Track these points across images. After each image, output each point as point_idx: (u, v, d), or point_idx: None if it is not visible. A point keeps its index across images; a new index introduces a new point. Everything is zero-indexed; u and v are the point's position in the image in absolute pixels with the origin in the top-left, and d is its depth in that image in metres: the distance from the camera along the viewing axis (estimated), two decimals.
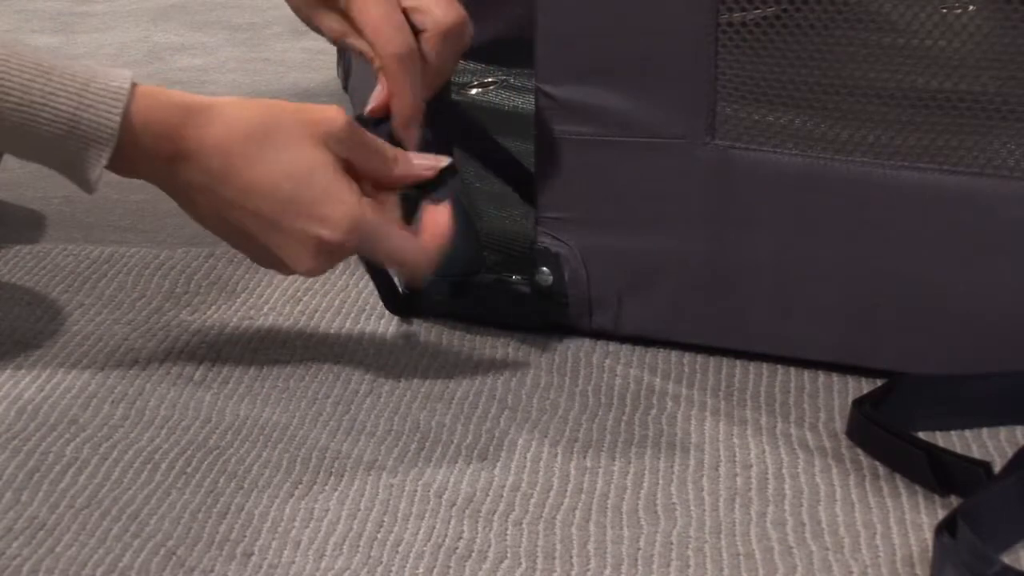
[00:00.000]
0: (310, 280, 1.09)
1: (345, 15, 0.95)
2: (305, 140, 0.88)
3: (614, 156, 0.97)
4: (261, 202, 0.88)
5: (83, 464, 0.85)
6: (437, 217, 0.92)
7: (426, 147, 0.94)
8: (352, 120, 0.89)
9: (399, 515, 0.80)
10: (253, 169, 0.88)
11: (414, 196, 0.93)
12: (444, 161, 0.92)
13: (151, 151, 0.88)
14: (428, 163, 0.92)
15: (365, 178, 0.90)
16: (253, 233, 0.89)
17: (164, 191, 0.91)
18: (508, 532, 0.79)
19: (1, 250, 1.15)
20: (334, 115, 0.89)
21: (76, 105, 0.87)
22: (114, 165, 0.88)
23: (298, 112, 0.89)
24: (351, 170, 0.89)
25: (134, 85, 0.88)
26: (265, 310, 1.05)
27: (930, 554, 0.76)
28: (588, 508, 0.81)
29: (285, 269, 0.91)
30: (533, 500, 0.82)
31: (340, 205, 0.88)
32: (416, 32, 0.94)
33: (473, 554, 0.77)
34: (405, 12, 0.94)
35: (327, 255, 0.89)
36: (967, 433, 0.89)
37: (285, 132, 0.88)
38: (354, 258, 1.11)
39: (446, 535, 0.79)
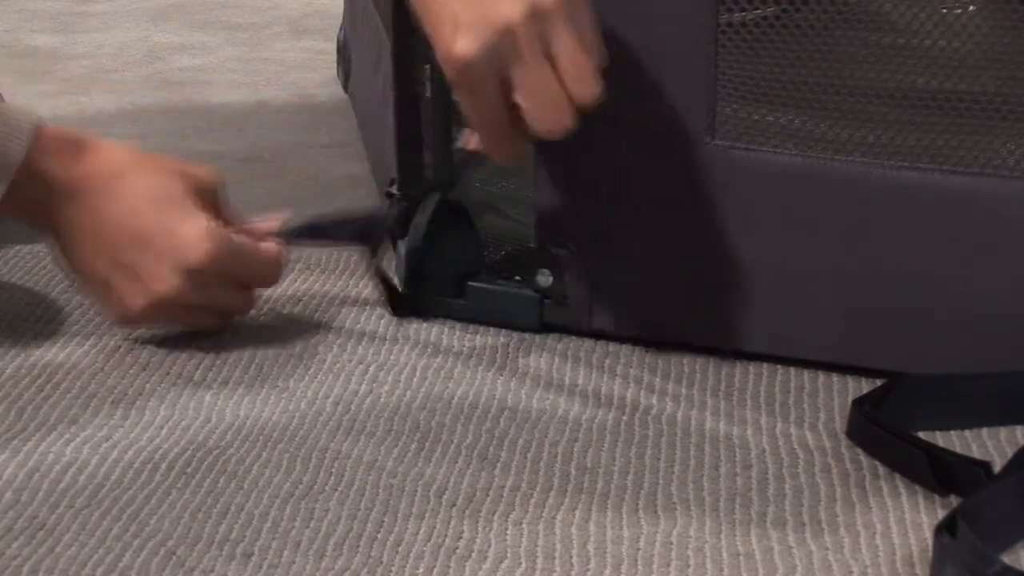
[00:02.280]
0: (310, 281, 1.09)
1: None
2: (173, 174, 0.98)
3: (614, 156, 0.97)
4: (130, 220, 0.96)
5: (83, 464, 0.85)
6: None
7: None
8: (214, 181, 1.01)
9: (399, 515, 0.80)
10: (125, 193, 0.96)
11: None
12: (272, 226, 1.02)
13: (46, 186, 0.95)
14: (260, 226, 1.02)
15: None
16: (121, 257, 0.96)
17: (43, 232, 0.99)
18: (508, 532, 0.79)
19: (1, 250, 1.15)
20: (209, 173, 1.00)
21: None
22: (4, 202, 0.94)
23: (175, 161, 1.00)
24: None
25: (40, 123, 0.95)
26: (265, 310, 1.05)
27: (930, 554, 0.76)
28: (588, 508, 0.81)
29: (146, 295, 0.96)
30: (533, 500, 0.82)
31: (197, 224, 0.96)
32: None
33: (473, 554, 0.77)
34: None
35: (192, 274, 0.96)
36: (967, 433, 0.89)
37: (158, 164, 0.99)
38: (353, 259, 1.11)
39: (446, 535, 0.79)
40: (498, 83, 0.88)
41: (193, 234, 0.95)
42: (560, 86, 0.88)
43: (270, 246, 1.00)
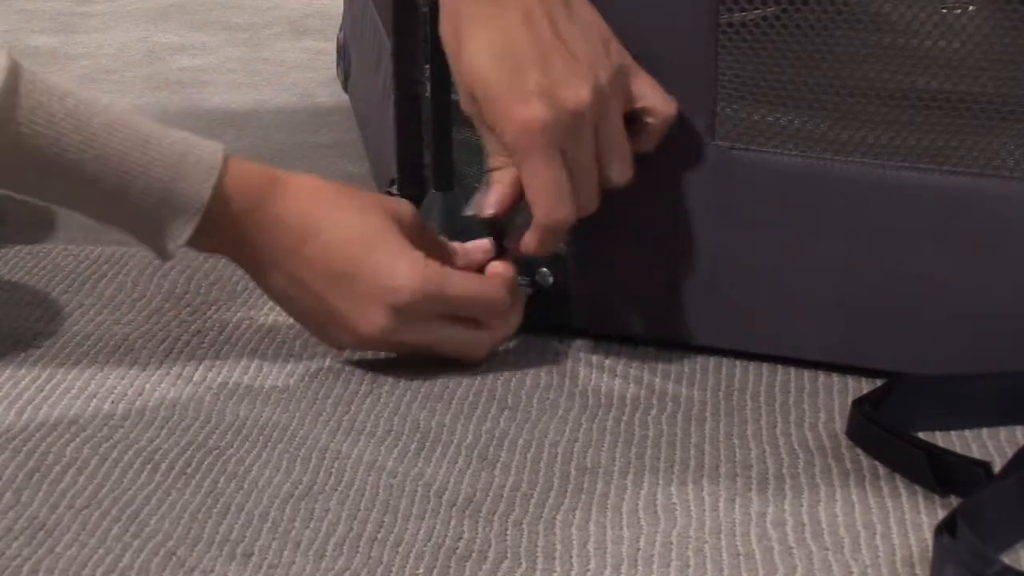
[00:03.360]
0: None
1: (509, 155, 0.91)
2: (375, 209, 0.93)
3: None
4: (333, 259, 0.92)
5: (83, 464, 0.85)
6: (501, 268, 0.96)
7: None
8: (418, 211, 0.96)
9: (399, 515, 0.80)
10: (327, 229, 0.92)
11: None
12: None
13: (236, 221, 0.92)
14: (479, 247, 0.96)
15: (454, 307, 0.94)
16: (324, 296, 0.93)
17: (240, 264, 0.95)
18: (508, 532, 0.79)
19: (1, 250, 1.15)
20: (407, 205, 0.95)
21: (172, 176, 0.90)
22: (197, 237, 0.92)
23: (371, 193, 0.97)
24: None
25: (226, 158, 0.92)
26: (265, 310, 1.05)
27: (930, 554, 0.76)
28: (588, 508, 0.81)
29: (352, 334, 0.93)
30: (533, 500, 0.82)
31: (407, 260, 0.91)
32: (635, 122, 0.93)
33: (473, 554, 0.77)
34: (632, 112, 0.92)
35: (399, 313, 0.92)
36: (967, 433, 0.89)
37: (358, 200, 0.93)
38: None
39: (446, 535, 0.79)
40: (557, 152, 0.89)
41: (400, 271, 0.91)
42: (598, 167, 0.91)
43: (495, 276, 0.95)
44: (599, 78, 0.89)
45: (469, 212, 0.94)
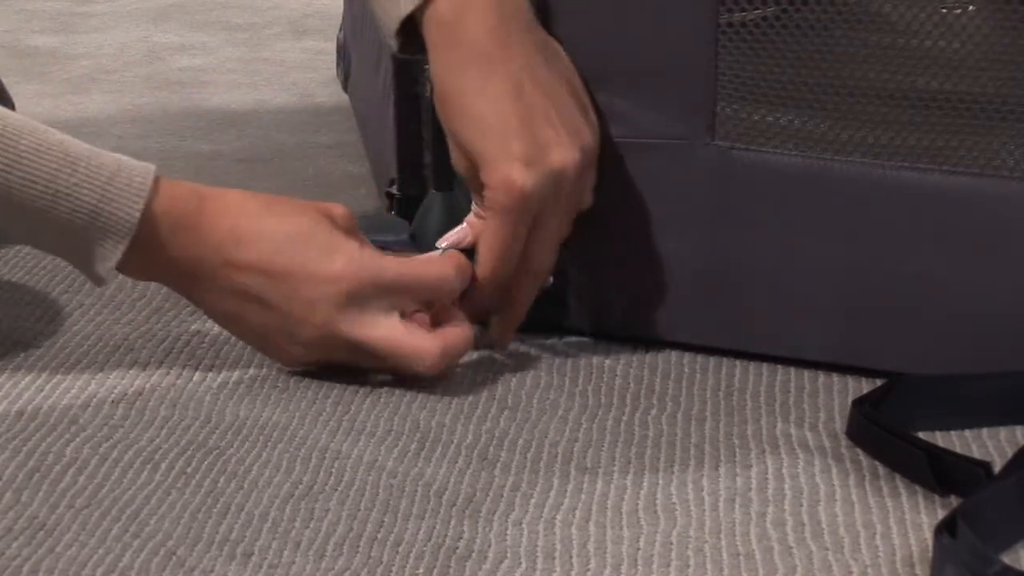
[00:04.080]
0: None
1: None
2: (305, 210, 0.93)
3: (614, 156, 0.97)
4: (269, 263, 0.92)
5: (83, 464, 0.85)
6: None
7: None
8: (352, 216, 0.95)
9: (399, 515, 0.80)
10: (259, 235, 0.92)
11: None
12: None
13: (167, 242, 0.91)
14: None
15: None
16: (266, 299, 0.92)
17: (178, 288, 0.95)
18: (508, 532, 0.79)
19: (1, 250, 1.15)
20: (339, 206, 0.95)
21: (99, 198, 0.89)
22: (127, 261, 0.91)
23: (301, 200, 0.95)
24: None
25: (157, 179, 0.91)
26: None
27: (930, 554, 0.76)
28: (588, 508, 0.81)
29: (300, 341, 0.93)
30: (533, 500, 0.82)
31: (342, 251, 0.92)
32: None
33: (473, 554, 0.77)
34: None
35: (343, 306, 0.92)
36: (967, 433, 0.89)
37: (287, 206, 0.94)
38: None
39: (446, 535, 0.79)
40: (526, 222, 0.93)
41: (336, 261, 0.91)
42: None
43: (444, 259, 0.95)
44: (583, 146, 0.94)
45: (442, 245, 0.96)
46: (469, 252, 0.95)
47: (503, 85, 0.93)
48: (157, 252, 0.92)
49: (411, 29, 0.96)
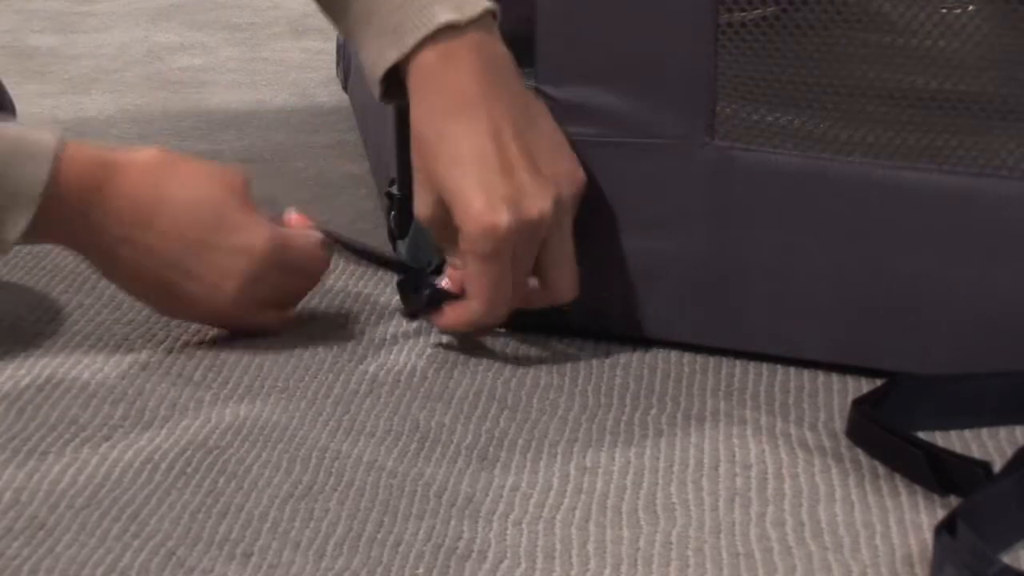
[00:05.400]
0: None
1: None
2: (213, 176, 0.97)
3: (614, 157, 0.97)
4: (186, 228, 0.95)
5: (83, 464, 0.85)
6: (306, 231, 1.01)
7: None
8: (247, 183, 0.98)
9: (399, 515, 0.80)
10: (173, 201, 0.95)
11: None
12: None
13: (75, 209, 0.93)
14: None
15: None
16: (180, 261, 0.95)
17: (84, 253, 0.97)
18: (508, 532, 0.79)
19: None
20: (240, 174, 0.98)
21: (2, 168, 0.90)
22: (33, 229, 0.92)
23: (204, 162, 0.98)
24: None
25: (61, 146, 0.92)
26: None
27: (930, 554, 0.76)
28: (588, 508, 0.81)
29: (205, 302, 0.97)
30: (533, 500, 0.82)
31: (259, 223, 0.96)
32: None
33: (473, 554, 0.77)
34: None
35: (253, 274, 0.96)
36: (967, 433, 0.89)
37: (198, 171, 0.97)
38: (351, 259, 1.11)
39: (446, 535, 0.79)
40: (509, 258, 0.94)
41: (256, 233, 0.96)
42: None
43: (317, 235, 1.01)
44: (560, 194, 0.95)
45: (438, 283, 0.99)
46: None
47: (484, 130, 0.94)
48: (64, 221, 0.94)
49: (394, 78, 0.97)
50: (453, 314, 0.97)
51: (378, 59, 0.97)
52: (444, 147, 0.95)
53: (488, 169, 0.94)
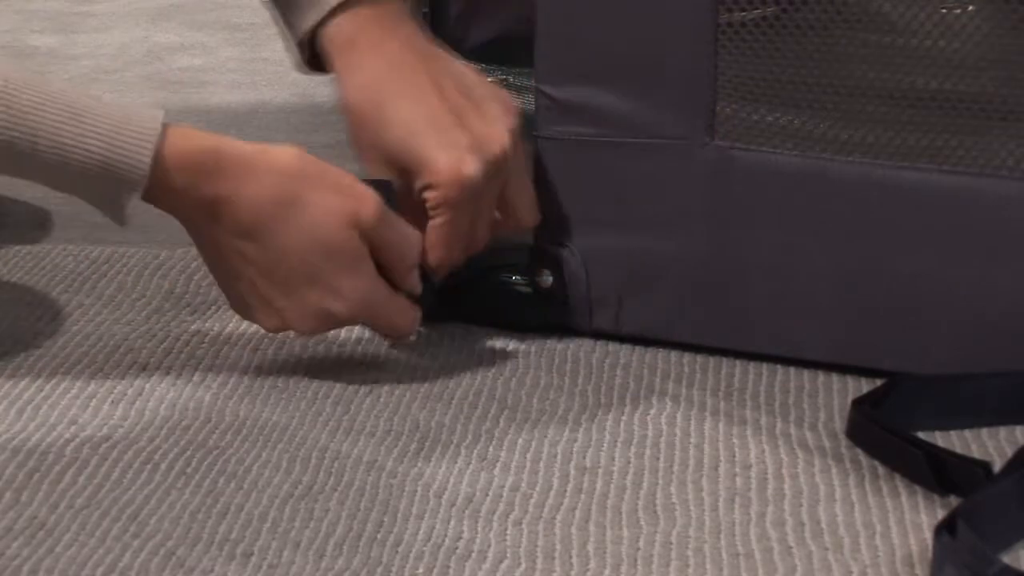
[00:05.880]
0: None
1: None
2: (335, 217, 0.91)
3: (614, 157, 0.97)
4: (281, 267, 0.91)
5: (83, 464, 0.85)
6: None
7: None
8: (383, 206, 0.92)
9: (399, 515, 0.80)
10: (280, 234, 0.91)
11: None
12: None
13: (181, 192, 0.90)
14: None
15: (382, 256, 0.93)
16: (262, 292, 0.92)
17: (186, 227, 0.93)
18: (508, 532, 0.79)
19: (1, 250, 1.15)
20: (370, 201, 0.92)
21: (107, 147, 0.89)
22: (148, 199, 0.91)
23: (334, 184, 0.92)
24: (372, 249, 0.93)
25: (165, 126, 0.90)
26: None
27: (930, 554, 0.76)
28: (588, 508, 0.81)
29: (276, 321, 0.94)
30: (533, 500, 0.82)
31: (357, 285, 0.92)
32: None
33: (473, 554, 0.77)
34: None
35: (330, 324, 0.94)
36: (967, 433, 0.89)
37: (317, 204, 0.91)
38: None
39: (446, 535, 0.79)
40: (472, 205, 0.95)
41: (343, 285, 0.92)
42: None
43: (412, 311, 0.96)
44: (512, 129, 0.96)
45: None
46: None
47: (428, 89, 0.96)
48: (173, 199, 0.91)
49: (314, 49, 0.99)
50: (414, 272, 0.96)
51: (299, 22, 0.97)
52: (390, 115, 0.95)
53: (443, 126, 0.95)
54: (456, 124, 0.95)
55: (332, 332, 1.01)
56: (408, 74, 0.97)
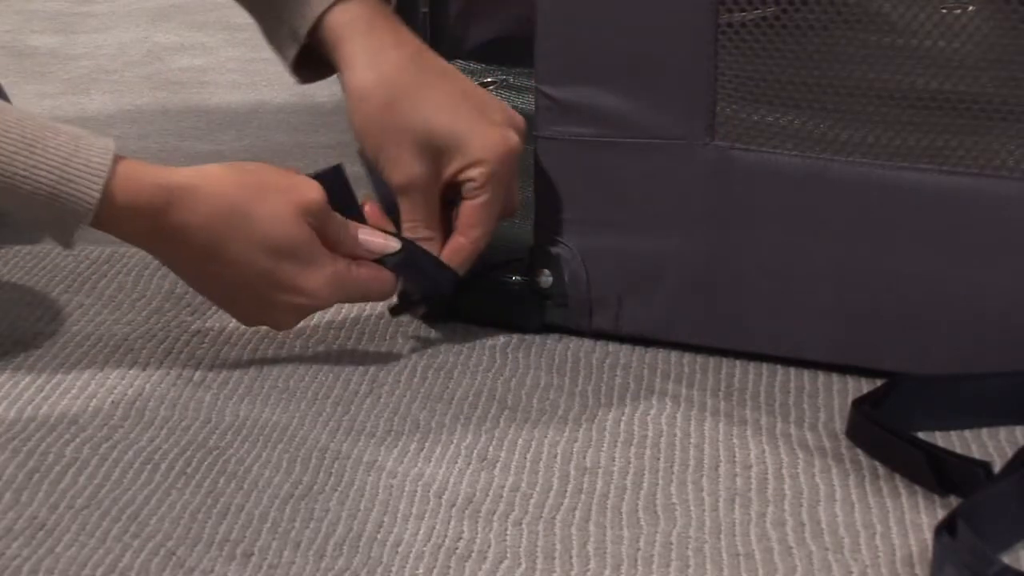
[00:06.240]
0: None
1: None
2: (283, 215, 0.92)
3: (614, 157, 0.97)
4: (245, 281, 0.93)
5: (83, 464, 0.85)
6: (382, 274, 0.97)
7: None
8: (324, 198, 0.94)
9: (399, 515, 0.80)
10: (235, 250, 0.92)
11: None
12: (392, 246, 0.97)
13: (131, 226, 0.92)
14: (377, 244, 0.97)
15: (327, 241, 0.94)
16: (235, 301, 0.95)
17: (145, 251, 0.95)
18: (508, 532, 0.79)
19: (1, 250, 1.15)
20: (312, 188, 0.94)
21: (57, 179, 0.88)
22: (98, 227, 0.91)
23: (274, 185, 0.93)
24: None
25: (116, 160, 0.90)
26: None
27: (930, 554, 0.76)
28: (588, 508, 0.81)
29: (255, 322, 0.97)
30: (533, 500, 0.82)
31: (319, 274, 0.93)
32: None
33: (473, 554, 0.77)
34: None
35: (305, 313, 0.97)
36: (967, 433, 0.89)
37: (263, 210, 0.92)
38: None
39: (446, 535, 0.79)
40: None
41: (310, 283, 0.93)
42: None
43: (384, 276, 0.97)
44: (520, 127, 0.99)
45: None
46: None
47: (449, 70, 0.98)
48: (122, 231, 0.92)
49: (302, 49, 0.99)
50: (459, 254, 0.98)
51: (305, 10, 0.97)
52: (427, 95, 0.96)
53: (478, 103, 0.97)
54: (488, 102, 0.97)
55: (332, 333, 1.01)
56: (432, 59, 0.98)
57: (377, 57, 0.97)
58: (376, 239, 0.97)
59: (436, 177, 0.96)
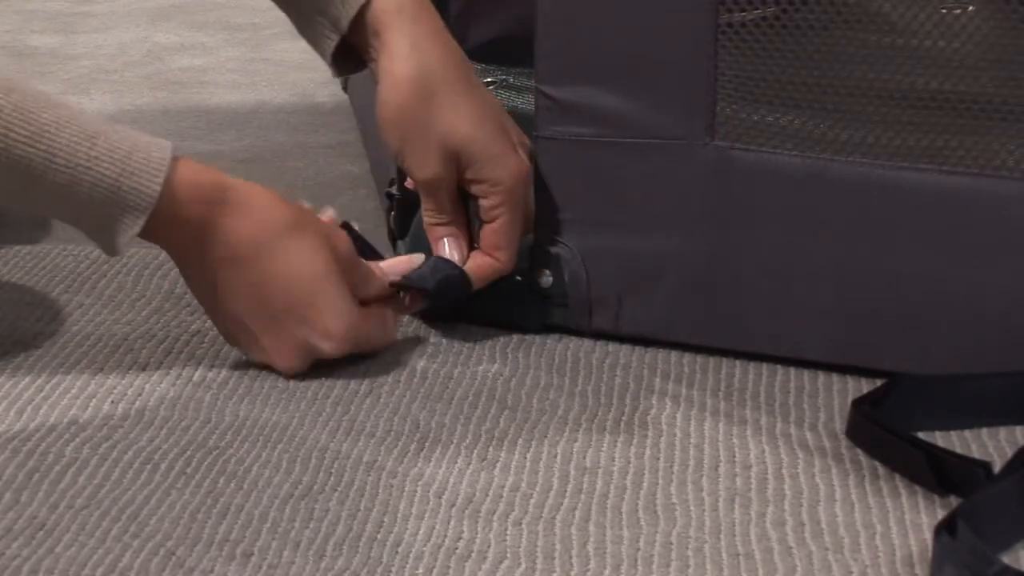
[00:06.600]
0: None
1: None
2: (323, 251, 0.93)
3: (614, 157, 0.97)
4: (269, 298, 0.93)
5: (83, 464, 0.85)
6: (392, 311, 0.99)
7: None
8: (353, 247, 0.96)
9: (399, 515, 0.80)
10: (274, 262, 0.92)
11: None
12: (416, 260, 0.99)
13: (184, 220, 0.91)
14: (401, 264, 0.99)
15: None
16: (248, 325, 0.94)
17: (176, 257, 0.94)
18: (508, 532, 0.79)
19: (1, 250, 1.15)
20: (343, 237, 0.95)
21: (120, 171, 0.89)
22: (144, 230, 0.90)
23: (320, 224, 0.95)
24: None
25: (175, 158, 0.91)
26: None
27: (930, 554, 0.76)
28: (588, 508, 0.81)
29: (262, 356, 0.95)
30: (533, 500, 0.82)
31: (342, 319, 0.93)
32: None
33: (473, 554, 0.77)
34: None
35: (311, 357, 0.95)
36: (967, 433, 0.89)
37: (309, 241, 0.93)
38: None
39: (446, 535, 0.79)
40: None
41: (331, 327, 0.93)
42: None
43: (391, 318, 0.98)
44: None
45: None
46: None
47: (482, 86, 1.00)
48: (173, 229, 0.92)
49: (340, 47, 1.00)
50: (482, 270, 0.99)
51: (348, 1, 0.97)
52: (456, 104, 0.96)
53: (500, 123, 0.98)
54: (505, 123, 0.99)
55: None
56: (467, 63, 0.99)
57: (419, 48, 0.97)
58: (400, 261, 0.99)
59: (455, 178, 0.98)
